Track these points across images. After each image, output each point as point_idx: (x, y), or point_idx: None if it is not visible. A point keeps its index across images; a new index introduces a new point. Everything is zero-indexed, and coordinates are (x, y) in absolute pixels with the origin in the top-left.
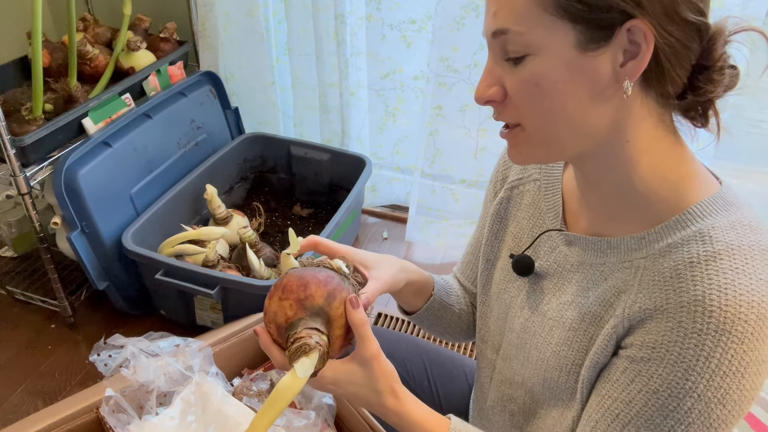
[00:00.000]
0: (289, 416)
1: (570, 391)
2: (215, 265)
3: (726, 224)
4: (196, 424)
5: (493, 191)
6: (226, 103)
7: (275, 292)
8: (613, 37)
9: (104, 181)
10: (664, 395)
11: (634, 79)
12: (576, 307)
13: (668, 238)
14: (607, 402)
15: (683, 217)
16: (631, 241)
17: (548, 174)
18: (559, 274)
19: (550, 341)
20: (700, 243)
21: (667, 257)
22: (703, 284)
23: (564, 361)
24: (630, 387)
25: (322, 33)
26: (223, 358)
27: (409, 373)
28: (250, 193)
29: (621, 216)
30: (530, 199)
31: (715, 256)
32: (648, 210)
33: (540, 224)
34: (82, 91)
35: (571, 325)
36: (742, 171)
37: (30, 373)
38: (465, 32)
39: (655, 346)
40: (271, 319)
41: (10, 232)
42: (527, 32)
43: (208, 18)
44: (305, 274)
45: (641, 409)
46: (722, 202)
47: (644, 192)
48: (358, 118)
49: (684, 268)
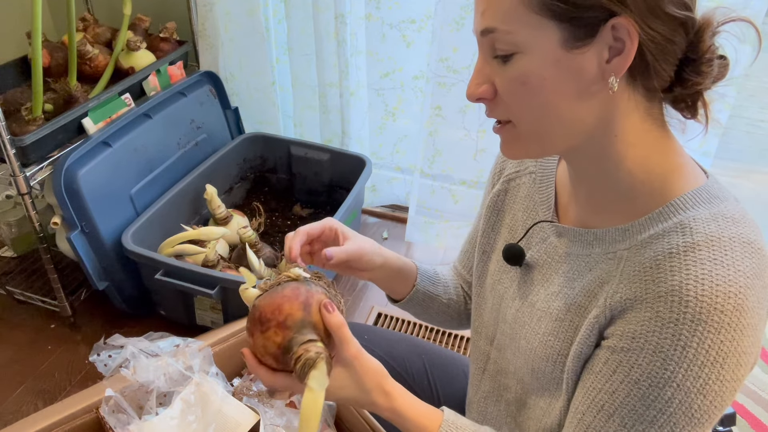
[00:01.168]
0: (289, 416)
1: (556, 381)
2: (215, 265)
3: (707, 216)
4: (196, 424)
5: (490, 184)
6: (226, 103)
7: (254, 328)
8: (597, 35)
9: (104, 181)
10: (645, 385)
11: (619, 75)
12: (562, 298)
13: (650, 230)
14: (592, 393)
15: (666, 209)
16: (616, 233)
17: (543, 167)
18: (548, 264)
19: (537, 331)
20: (680, 234)
21: (648, 248)
22: (680, 274)
23: (550, 351)
24: (613, 378)
25: (322, 33)
26: (223, 358)
27: (409, 373)
28: (250, 193)
29: (607, 208)
30: (526, 191)
31: (693, 246)
32: (633, 202)
33: (534, 216)
34: (82, 91)
35: (557, 315)
36: (742, 171)
37: (30, 373)
38: (464, 32)
39: (635, 336)
40: (264, 353)
41: (10, 232)
42: (514, 31)
43: (208, 18)
44: (273, 297)
45: (624, 399)
46: (706, 195)
47: (630, 185)
48: (358, 118)
49: (663, 258)
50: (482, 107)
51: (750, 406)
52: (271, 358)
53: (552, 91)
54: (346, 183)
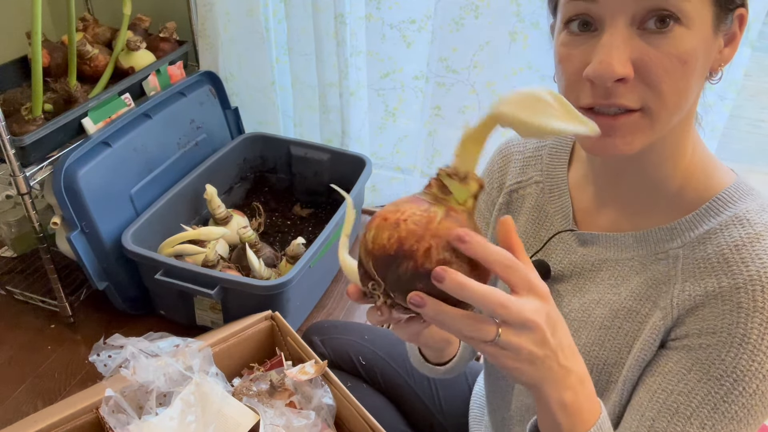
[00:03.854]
0: (289, 416)
1: (600, 391)
2: (215, 265)
3: (757, 207)
4: (195, 424)
5: (488, 200)
6: (226, 103)
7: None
8: (731, 22)
9: (104, 181)
10: (730, 380)
11: (726, 64)
12: (606, 305)
13: (703, 226)
14: (662, 396)
15: (714, 204)
16: (661, 233)
17: (551, 175)
18: (578, 274)
19: (576, 343)
20: (739, 226)
21: (708, 243)
22: (755, 264)
23: (595, 361)
24: (688, 377)
25: (322, 33)
26: (223, 358)
27: (410, 374)
28: (250, 193)
29: (648, 209)
30: (533, 202)
31: (758, 237)
32: (680, 200)
33: (547, 227)
34: (82, 90)
35: (602, 323)
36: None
37: (30, 373)
38: (464, 33)
39: (715, 331)
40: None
41: (10, 232)
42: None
43: (207, 18)
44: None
45: (704, 398)
46: (745, 188)
47: (680, 184)
48: (357, 118)
49: (730, 251)
50: (481, 107)
51: None
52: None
53: (698, 74)
54: (346, 183)
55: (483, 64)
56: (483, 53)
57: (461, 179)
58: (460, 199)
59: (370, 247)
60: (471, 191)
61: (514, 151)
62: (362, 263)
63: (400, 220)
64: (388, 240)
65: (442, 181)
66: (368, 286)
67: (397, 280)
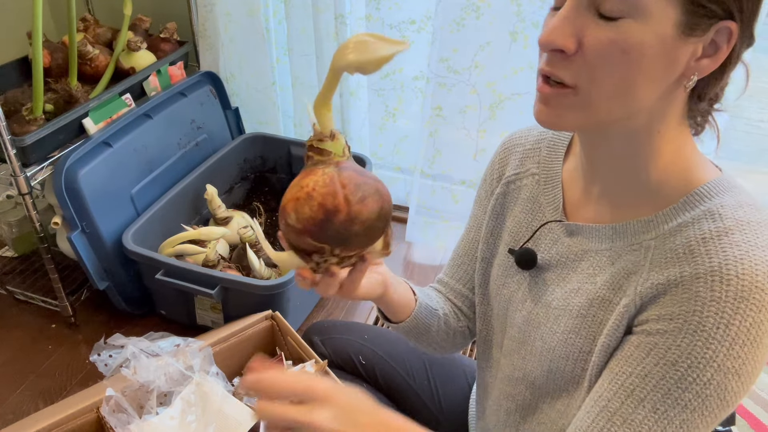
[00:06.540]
0: None
1: (576, 380)
2: (215, 265)
3: (734, 203)
4: (196, 423)
5: (488, 189)
6: (226, 103)
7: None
8: (708, 31)
9: (104, 181)
10: (684, 366)
11: (702, 75)
12: (583, 294)
13: (678, 219)
14: (620, 378)
15: (691, 197)
16: (639, 225)
17: (547, 168)
18: (563, 264)
19: (556, 330)
20: (710, 220)
21: (678, 235)
22: (718, 256)
23: (571, 348)
24: (645, 360)
25: (322, 33)
26: (223, 358)
27: (410, 373)
28: (250, 193)
29: (629, 203)
30: (528, 193)
31: (726, 231)
32: (658, 195)
33: (539, 218)
34: (83, 91)
35: (578, 311)
36: (742, 171)
37: (30, 373)
38: (465, 33)
39: (673, 317)
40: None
41: (11, 232)
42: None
43: (208, 18)
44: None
45: (658, 382)
46: (727, 184)
47: (658, 180)
48: (357, 118)
49: (697, 243)
50: (482, 107)
51: (749, 406)
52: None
53: (644, 70)
54: None
55: (484, 64)
56: (484, 53)
57: (331, 138)
58: (339, 153)
59: (299, 226)
60: (342, 143)
61: (516, 143)
62: (298, 245)
63: (310, 191)
64: (311, 210)
65: (318, 147)
66: (314, 258)
67: (337, 234)
